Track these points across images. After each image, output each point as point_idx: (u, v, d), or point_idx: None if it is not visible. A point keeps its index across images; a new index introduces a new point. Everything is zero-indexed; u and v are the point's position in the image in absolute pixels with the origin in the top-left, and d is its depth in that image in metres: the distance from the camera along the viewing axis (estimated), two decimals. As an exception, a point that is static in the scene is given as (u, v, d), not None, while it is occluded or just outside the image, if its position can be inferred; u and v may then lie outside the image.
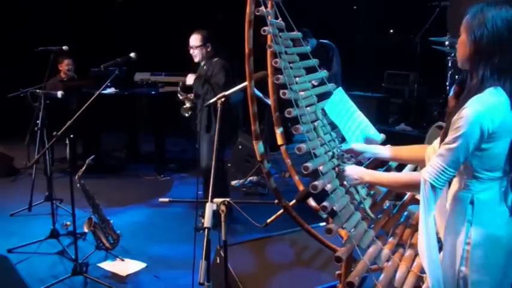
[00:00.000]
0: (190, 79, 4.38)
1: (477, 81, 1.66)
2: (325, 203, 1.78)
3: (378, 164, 2.23)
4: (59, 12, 8.16)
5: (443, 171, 1.63)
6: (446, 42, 5.66)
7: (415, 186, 1.72)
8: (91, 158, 3.52)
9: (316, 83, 2.27)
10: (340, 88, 2.28)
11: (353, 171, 1.92)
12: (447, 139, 1.64)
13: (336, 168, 1.97)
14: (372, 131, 2.28)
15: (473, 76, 1.68)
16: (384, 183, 1.93)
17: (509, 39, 1.63)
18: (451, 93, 4.59)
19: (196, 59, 4.37)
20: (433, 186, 1.64)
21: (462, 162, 1.64)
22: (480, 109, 1.59)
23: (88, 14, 8.40)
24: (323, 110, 2.15)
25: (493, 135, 1.61)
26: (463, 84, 4.75)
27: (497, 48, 1.63)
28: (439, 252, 1.75)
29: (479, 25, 1.64)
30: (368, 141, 2.21)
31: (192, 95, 4.44)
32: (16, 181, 5.75)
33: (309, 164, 1.85)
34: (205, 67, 4.35)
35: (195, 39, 4.32)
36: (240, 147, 5.83)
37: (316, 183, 1.81)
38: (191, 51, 4.35)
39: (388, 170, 2.26)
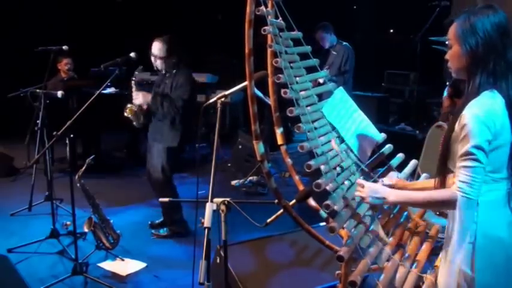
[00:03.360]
0: (141, 98, 4.03)
1: (474, 88, 1.67)
2: (328, 202, 1.79)
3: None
4: (59, 12, 8.15)
5: (473, 180, 1.60)
6: (447, 42, 5.65)
7: (451, 203, 1.64)
8: (91, 157, 3.52)
9: (321, 81, 2.27)
10: (340, 88, 2.28)
11: (376, 188, 1.83)
12: (463, 150, 1.61)
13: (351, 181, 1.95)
14: (373, 131, 2.28)
15: (471, 84, 1.69)
16: (413, 202, 1.81)
17: (502, 43, 1.64)
18: (445, 93, 4.61)
19: (156, 68, 4.10)
20: (470, 200, 1.61)
21: (485, 164, 1.62)
22: (479, 112, 1.60)
23: (88, 14, 8.40)
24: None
25: (496, 137, 1.62)
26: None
27: (492, 54, 1.64)
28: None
29: (471, 34, 1.65)
30: (360, 138, 2.21)
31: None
32: (16, 181, 5.74)
33: (311, 163, 1.86)
34: (167, 80, 4.05)
35: (158, 50, 4.01)
36: (240, 147, 5.83)
37: (319, 181, 1.82)
38: (152, 59, 4.05)
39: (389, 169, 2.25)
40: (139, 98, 4.05)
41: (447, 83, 4.73)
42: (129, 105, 4.10)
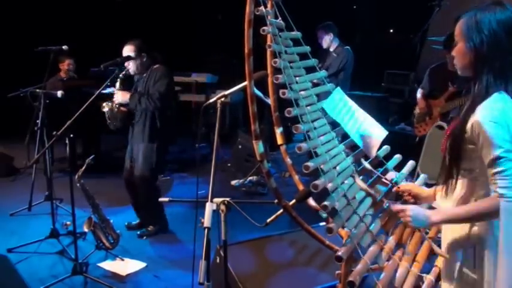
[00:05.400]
0: (120, 97, 4.01)
1: (482, 88, 1.63)
2: (326, 202, 1.78)
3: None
4: (59, 12, 8.15)
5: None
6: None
7: (497, 211, 1.56)
8: (91, 157, 3.52)
9: (315, 81, 2.27)
10: (338, 88, 2.29)
11: (418, 211, 1.76)
12: (490, 158, 1.56)
13: (388, 207, 1.94)
14: (377, 129, 2.27)
15: (477, 83, 1.65)
16: (460, 218, 1.69)
17: (508, 42, 1.61)
18: (419, 95, 4.62)
19: (131, 72, 4.06)
20: None
21: None
22: (493, 116, 1.56)
23: (88, 14, 8.40)
24: (322, 109, 2.15)
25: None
26: (426, 87, 4.78)
27: (498, 52, 1.61)
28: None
29: (476, 32, 1.62)
30: (365, 139, 2.20)
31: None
32: (16, 181, 5.75)
33: (309, 163, 1.86)
34: (143, 80, 4.08)
35: (127, 50, 4.01)
36: (240, 147, 5.84)
37: (317, 182, 1.81)
38: (125, 63, 4.02)
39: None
40: (118, 96, 4.02)
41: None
42: (107, 103, 4.07)
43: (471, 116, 1.62)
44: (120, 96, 4.01)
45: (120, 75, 3.94)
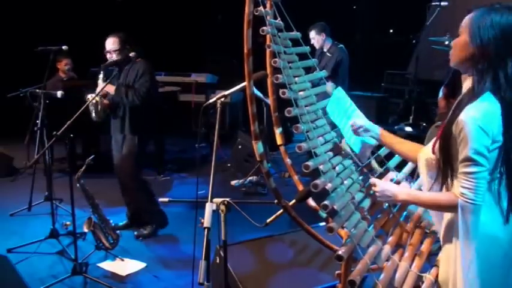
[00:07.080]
0: (106, 88, 3.95)
1: (471, 88, 1.64)
2: (326, 202, 1.79)
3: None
4: (59, 12, 8.15)
5: (477, 186, 1.58)
6: (446, 42, 5.68)
7: (456, 208, 1.62)
8: (91, 157, 3.52)
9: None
10: (339, 87, 2.29)
11: (386, 187, 1.82)
12: (462, 156, 1.59)
13: (362, 183, 1.98)
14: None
15: (468, 82, 1.66)
16: (421, 202, 1.80)
17: (506, 48, 1.59)
18: (440, 94, 4.59)
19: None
20: (475, 205, 1.58)
21: (488, 168, 1.60)
22: (477, 116, 1.56)
23: (88, 14, 8.40)
24: (324, 109, 2.16)
25: (494, 140, 1.59)
26: (452, 84, 4.71)
27: (494, 57, 1.60)
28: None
29: (479, 31, 1.61)
30: (364, 145, 2.20)
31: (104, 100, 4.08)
32: (16, 181, 5.74)
33: (309, 163, 1.86)
34: (126, 72, 4.06)
35: (112, 43, 4.01)
36: (239, 147, 5.84)
37: (317, 181, 1.82)
38: (108, 55, 4.01)
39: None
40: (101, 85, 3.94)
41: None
42: (92, 95, 4.00)
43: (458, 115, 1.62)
44: (106, 89, 3.98)
45: (102, 70, 3.92)
